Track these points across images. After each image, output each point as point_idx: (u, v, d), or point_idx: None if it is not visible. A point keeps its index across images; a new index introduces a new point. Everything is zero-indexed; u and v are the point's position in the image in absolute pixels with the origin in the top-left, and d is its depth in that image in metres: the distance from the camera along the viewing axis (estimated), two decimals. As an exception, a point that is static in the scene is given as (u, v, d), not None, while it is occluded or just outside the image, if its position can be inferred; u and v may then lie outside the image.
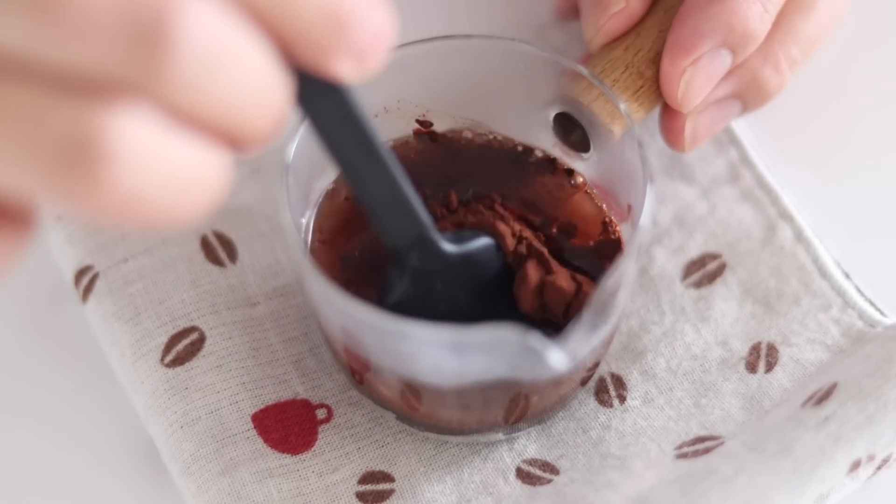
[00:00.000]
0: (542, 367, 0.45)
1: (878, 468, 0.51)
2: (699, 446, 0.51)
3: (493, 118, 0.55)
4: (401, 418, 0.52)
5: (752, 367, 0.54)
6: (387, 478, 0.52)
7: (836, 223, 0.58)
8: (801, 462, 0.49)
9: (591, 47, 0.54)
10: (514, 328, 0.44)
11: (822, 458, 0.49)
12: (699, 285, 0.56)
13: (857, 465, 0.50)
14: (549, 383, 0.49)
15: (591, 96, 0.51)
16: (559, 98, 0.52)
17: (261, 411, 0.53)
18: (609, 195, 0.53)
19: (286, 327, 0.55)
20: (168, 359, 0.53)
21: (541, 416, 0.52)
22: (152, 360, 0.53)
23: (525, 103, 0.54)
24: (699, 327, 0.55)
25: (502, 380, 0.48)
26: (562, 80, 0.52)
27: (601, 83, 0.51)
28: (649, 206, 0.48)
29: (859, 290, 0.56)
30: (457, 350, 0.46)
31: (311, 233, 0.52)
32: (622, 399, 0.54)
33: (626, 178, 0.51)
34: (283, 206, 0.48)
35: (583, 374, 0.51)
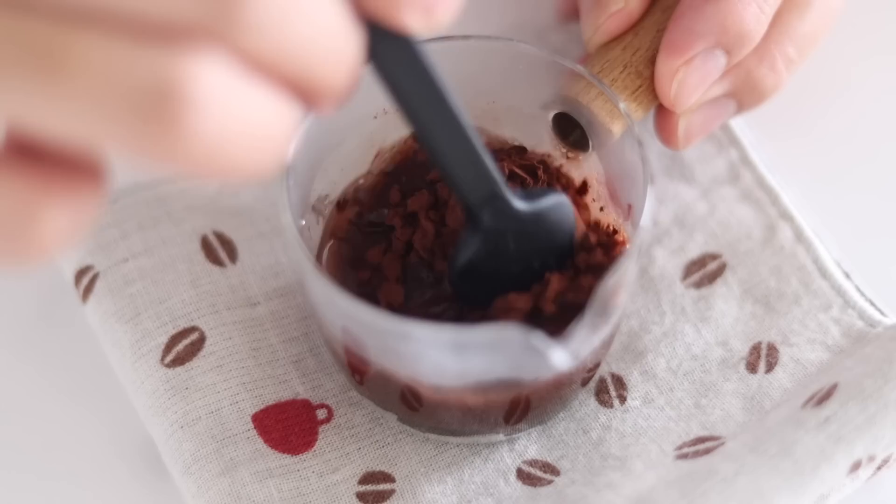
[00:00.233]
0: (544, 366, 0.45)
1: (879, 469, 0.51)
2: (699, 447, 0.51)
3: (493, 118, 0.55)
4: (401, 419, 0.52)
5: (752, 368, 0.54)
6: (387, 478, 0.52)
7: (836, 223, 0.58)
8: (802, 462, 0.49)
9: (590, 47, 0.54)
10: (516, 328, 0.44)
11: (823, 458, 0.49)
12: (699, 285, 0.56)
13: (857, 466, 0.49)
14: (550, 384, 0.49)
15: (590, 96, 0.51)
16: (558, 98, 0.52)
17: (261, 411, 0.53)
18: (610, 195, 0.53)
19: (286, 327, 0.55)
20: (168, 359, 0.53)
21: (541, 417, 0.52)
22: (152, 360, 0.53)
23: (524, 103, 0.54)
24: (699, 327, 0.55)
25: (504, 380, 0.48)
26: (561, 80, 0.52)
27: (600, 83, 0.51)
28: (650, 205, 0.48)
29: (859, 290, 0.56)
30: (458, 350, 0.46)
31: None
32: (622, 399, 0.54)
33: (626, 177, 0.51)
34: (283, 207, 0.48)
35: (583, 374, 0.51)
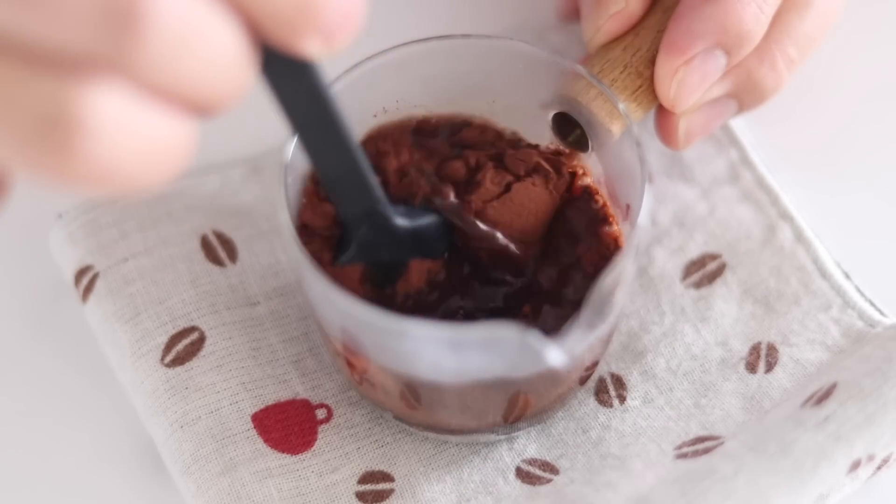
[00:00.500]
0: (540, 364, 0.45)
1: (878, 468, 0.51)
2: (699, 446, 0.51)
3: (492, 118, 0.55)
4: (400, 418, 0.52)
5: (752, 367, 0.54)
6: (386, 477, 0.52)
7: (836, 223, 0.58)
8: (801, 462, 0.49)
9: (590, 47, 0.54)
10: (512, 326, 0.44)
11: (822, 457, 0.49)
12: (699, 285, 0.56)
13: (856, 465, 0.49)
14: (548, 382, 0.49)
15: (590, 96, 0.51)
16: (558, 98, 0.52)
17: (261, 411, 0.53)
18: (608, 194, 0.53)
19: (286, 327, 0.55)
20: (168, 359, 0.53)
21: (540, 416, 0.52)
22: (152, 360, 0.53)
23: (524, 103, 0.54)
24: (699, 327, 0.55)
25: (501, 378, 0.48)
26: (561, 80, 0.52)
27: (600, 83, 0.51)
28: (647, 205, 0.48)
29: (859, 290, 0.56)
30: (455, 348, 0.46)
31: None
32: (622, 399, 0.54)
33: (624, 177, 0.51)
34: (281, 205, 0.48)
35: (581, 373, 0.51)
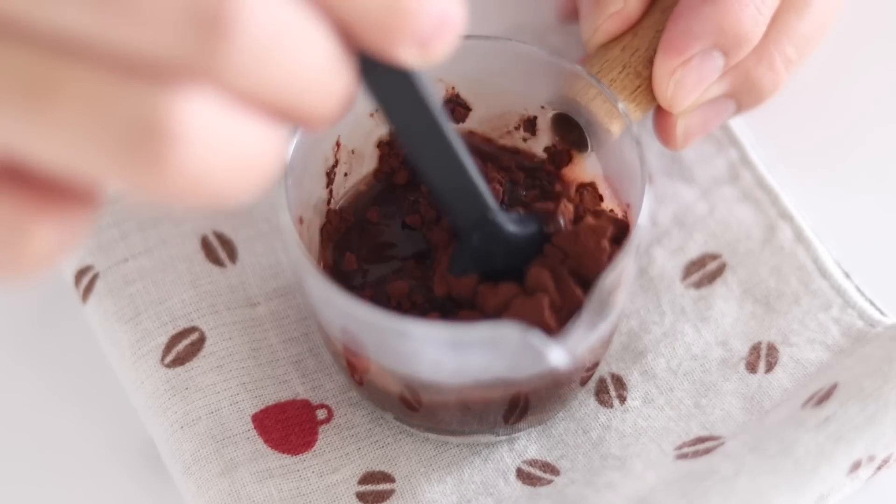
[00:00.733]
0: (541, 364, 0.45)
1: (879, 468, 0.51)
2: (699, 446, 0.51)
3: (492, 118, 0.55)
4: (400, 419, 0.52)
5: (752, 367, 0.54)
6: (387, 478, 0.52)
7: (836, 223, 0.58)
8: (802, 462, 0.49)
9: (589, 47, 0.54)
10: (513, 326, 0.44)
11: (823, 458, 0.49)
12: (699, 285, 0.56)
13: (857, 466, 0.49)
14: (549, 383, 0.49)
15: (589, 96, 0.51)
16: (557, 98, 0.52)
17: (261, 411, 0.53)
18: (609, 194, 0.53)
19: (286, 327, 0.55)
20: (168, 359, 0.53)
21: (541, 417, 0.52)
22: (152, 361, 0.53)
23: (524, 103, 0.54)
24: (699, 327, 0.55)
25: (502, 379, 0.48)
26: (560, 81, 0.52)
27: (599, 83, 0.51)
28: (647, 204, 0.48)
29: (859, 289, 0.56)
30: (456, 348, 0.46)
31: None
32: (622, 399, 0.54)
33: (624, 177, 0.51)
34: (281, 206, 0.48)
35: (582, 373, 0.51)
